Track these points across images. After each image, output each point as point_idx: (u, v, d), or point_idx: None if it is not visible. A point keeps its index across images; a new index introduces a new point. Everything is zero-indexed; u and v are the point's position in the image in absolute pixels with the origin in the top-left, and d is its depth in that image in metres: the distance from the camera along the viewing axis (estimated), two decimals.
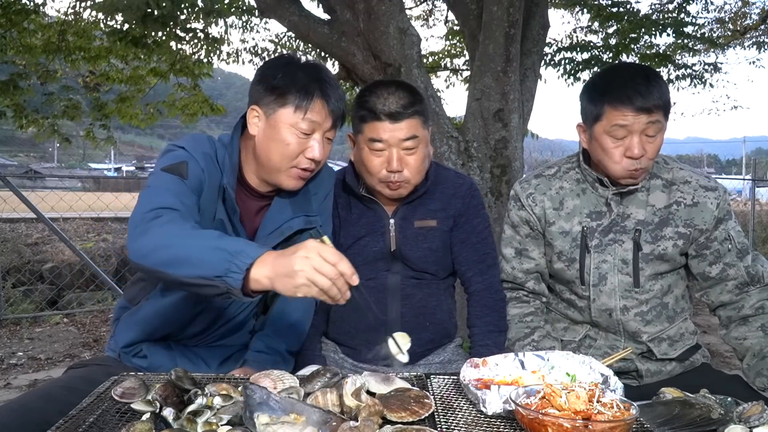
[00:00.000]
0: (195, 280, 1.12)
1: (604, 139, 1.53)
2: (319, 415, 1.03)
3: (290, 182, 1.46)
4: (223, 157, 1.46)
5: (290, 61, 1.48)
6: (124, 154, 70.96)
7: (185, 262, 1.12)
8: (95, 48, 6.66)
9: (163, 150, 1.47)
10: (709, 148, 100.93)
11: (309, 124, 1.41)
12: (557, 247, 1.67)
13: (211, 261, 1.09)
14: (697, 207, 1.60)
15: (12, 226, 8.30)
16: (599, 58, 6.41)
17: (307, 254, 1.07)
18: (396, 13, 3.49)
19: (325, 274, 1.06)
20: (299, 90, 1.40)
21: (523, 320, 1.70)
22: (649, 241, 1.61)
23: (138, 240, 1.21)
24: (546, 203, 1.69)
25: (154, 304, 1.47)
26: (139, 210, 1.27)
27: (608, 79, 1.55)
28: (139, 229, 1.22)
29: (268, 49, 8.08)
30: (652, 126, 1.49)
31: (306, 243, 1.09)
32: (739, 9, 8.26)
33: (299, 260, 1.06)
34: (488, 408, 1.11)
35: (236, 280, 1.08)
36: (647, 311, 1.64)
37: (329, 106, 1.43)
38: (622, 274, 1.63)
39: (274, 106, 1.42)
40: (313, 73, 1.44)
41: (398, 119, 1.57)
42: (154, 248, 1.16)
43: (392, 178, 1.60)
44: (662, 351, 1.64)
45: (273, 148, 1.42)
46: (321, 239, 1.11)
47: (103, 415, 1.10)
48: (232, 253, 1.09)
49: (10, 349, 4.65)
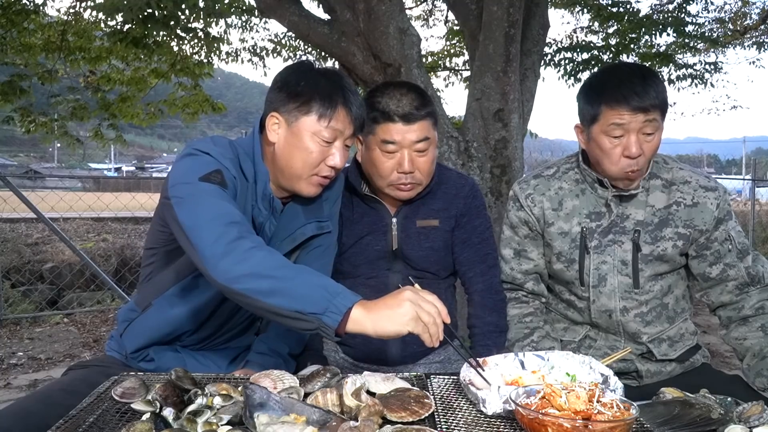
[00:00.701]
0: (289, 313, 1.13)
1: (601, 139, 1.52)
2: (319, 415, 1.03)
3: (310, 189, 1.45)
4: (245, 163, 1.43)
5: (311, 68, 1.46)
6: (124, 154, 70.94)
7: (284, 294, 1.13)
8: (95, 48, 6.66)
9: (183, 153, 1.40)
10: (709, 148, 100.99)
11: (332, 132, 1.40)
12: (556, 247, 1.67)
13: (311, 297, 1.12)
14: (697, 207, 1.59)
15: (12, 226, 8.31)
16: (599, 58, 6.41)
17: (413, 295, 1.15)
18: (396, 13, 3.49)
19: (429, 312, 1.14)
20: (323, 98, 1.39)
21: (522, 321, 1.70)
22: (649, 242, 1.60)
23: (223, 262, 1.17)
24: (545, 204, 1.68)
25: (163, 312, 1.46)
26: (206, 225, 1.21)
27: (604, 79, 1.55)
28: (219, 249, 1.18)
29: (267, 49, 8.08)
30: (649, 125, 1.49)
31: (405, 289, 1.17)
32: (739, 9, 8.26)
33: (407, 299, 1.14)
34: (488, 408, 1.11)
35: (334, 319, 1.11)
36: (647, 312, 1.63)
37: (352, 114, 1.42)
38: (621, 275, 1.62)
39: (296, 113, 1.40)
40: (336, 81, 1.43)
41: (411, 121, 1.57)
42: (249, 275, 1.15)
43: (403, 180, 1.60)
44: (662, 352, 1.64)
45: (295, 156, 1.41)
46: (414, 284, 1.18)
47: (103, 415, 1.11)
48: (331, 293, 1.13)
49: (10, 349, 4.65)
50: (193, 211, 1.25)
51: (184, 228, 1.24)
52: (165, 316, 1.46)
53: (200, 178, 1.31)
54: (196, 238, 1.21)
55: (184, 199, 1.28)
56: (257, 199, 1.44)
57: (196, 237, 1.21)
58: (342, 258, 1.72)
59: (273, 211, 1.47)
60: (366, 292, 1.69)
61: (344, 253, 1.72)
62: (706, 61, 7.33)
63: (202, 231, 1.21)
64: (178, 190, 1.31)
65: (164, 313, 1.46)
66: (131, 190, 10.26)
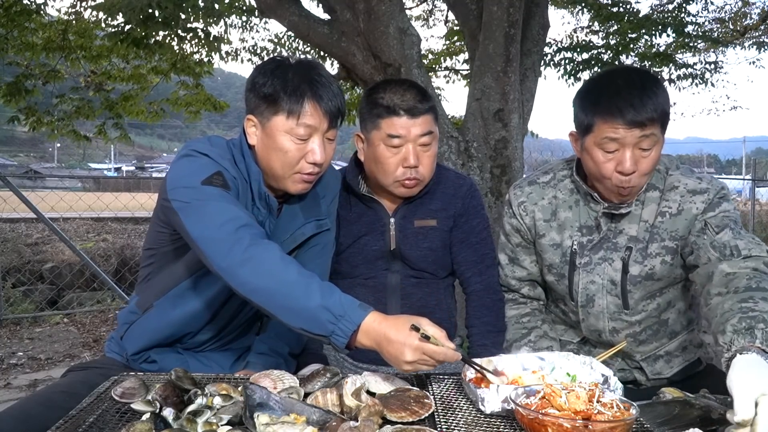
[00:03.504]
0: (300, 330, 1.18)
1: (594, 152, 1.42)
2: (319, 415, 1.03)
3: (296, 187, 1.43)
4: (241, 163, 1.43)
5: (280, 64, 1.41)
6: (124, 154, 70.90)
7: (294, 314, 1.17)
8: (96, 47, 6.66)
9: (180, 154, 1.39)
10: (709, 148, 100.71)
11: (305, 129, 1.37)
12: (547, 259, 1.62)
13: (318, 320, 1.16)
14: (681, 215, 1.48)
15: (12, 226, 8.31)
16: (599, 58, 6.41)
17: (416, 347, 1.13)
18: (396, 13, 3.49)
19: (427, 365, 1.16)
20: (290, 95, 1.35)
21: (519, 321, 1.68)
22: (639, 261, 1.51)
23: (239, 273, 1.19)
24: (537, 214, 1.61)
25: (165, 315, 1.45)
26: (217, 233, 1.21)
27: (601, 86, 1.44)
28: (233, 258, 1.19)
29: (267, 48, 8.08)
30: (646, 140, 1.37)
31: (411, 336, 1.14)
32: (739, 9, 8.26)
33: (409, 353, 1.13)
34: (486, 407, 1.11)
35: (340, 342, 1.15)
36: (640, 332, 1.57)
37: (323, 107, 1.37)
38: (611, 295, 1.54)
39: (267, 114, 1.38)
40: (303, 74, 1.38)
41: (416, 114, 1.58)
42: (262, 289, 1.18)
43: (408, 175, 1.60)
44: (655, 371, 1.60)
45: (273, 157, 1.39)
46: (423, 334, 1.15)
47: (103, 415, 1.11)
48: (336, 316, 1.15)
49: (10, 349, 4.65)
50: (201, 219, 1.25)
51: (195, 238, 1.24)
52: (166, 318, 1.45)
53: (202, 181, 1.30)
54: (209, 249, 1.22)
55: (190, 204, 1.27)
56: (254, 198, 1.44)
57: (208, 248, 1.22)
58: (340, 258, 1.72)
59: (270, 210, 1.47)
60: (364, 293, 1.70)
61: (342, 253, 1.72)
62: (706, 61, 7.34)
63: (214, 241, 1.22)
64: (180, 194, 1.30)
65: (166, 315, 1.45)
66: (131, 190, 10.27)
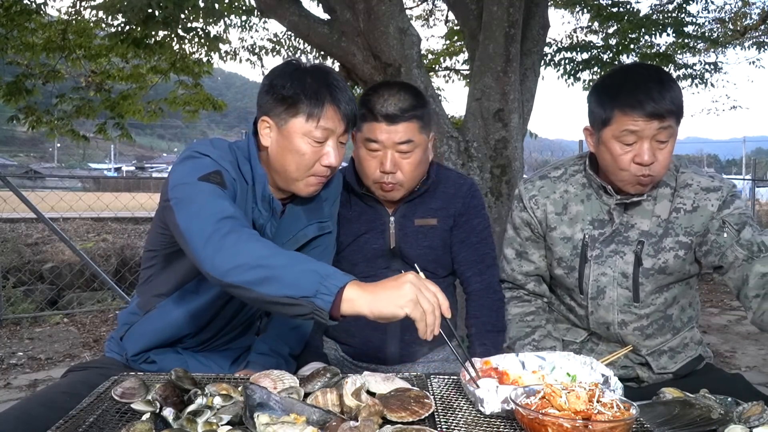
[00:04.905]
0: (281, 299, 1.12)
1: (612, 145, 1.45)
2: (319, 415, 1.03)
3: (308, 189, 1.45)
4: (244, 165, 1.43)
5: (297, 67, 1.44)
6: (123, 154, 70.95)
7: (274, 281, 1.12)
8: (96, 46, 6.66)
9: (183, 156, 1.40)
10: (709, 148, 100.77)
11: (322, 132, 1.39)
12: (557, 252, 1.63)
13: (301, 282, 1.11)
14: (697, 212, 1.53)
15: (12, 226, 8.32)
16: (599, 58, 6.41)
17: (415, 279, 1.12)
18: (396, 13, 3.49)
19: (429, 299, 1.11)
20: (310, 98, 1.37)
21: (524, 319, 1.69)
22: (651, 255, 1.54)
23: (215, 258, 1.17)
24: (548, 207, 1.64)
25: (165, 315, 1.45)
26: (200, 223, 1.21)
27: (619, 81, 1.47)
28: (212, 245, 1.18)
29: (266, 48, 8.07)
30: (664, 132, 1.41)
31: (408, 273, 1.13)
32: (739, 9, 8.26)
33: (409, 282, 1.11)
34: (486, 408, 1.11)
35: (326, 301, 1.09)
36: (647, 325, 1.59)
37: (341, 111, 1.40)
38: (621, 288, 1.57)
39: (285, 116, 1.39)
40: (322, 79, 1.40)
41: (395, 121, 1.57)
42: (240, 266, 1.14)
43: (385, 179, 1.60)
44: (661, 365, 1.61)
45: (288, 159, 1.40)
46: (417, 271, 1.14)
47: (103, 415, 1.11)
48: (322, 276, 1.11)
49: (10, 349, 4.65)
50: (189, 211, 1.25)
51: (183, 230, 1.24)
52: (167, 319, 1.45)
53: (199, 178, 1.31)
54: (190, 239, 1.21)
55: (182, 200, 1.28)
56: (257, 201, 1.44)
57: (190, 237, 1.22)
58: (340, 256, 1.72)
59: (273, 213, 1.47)
60: None
61: (342, 251, 1.72)
62: (706, 61, 7.34)
63: (196, 231, 1.21)
64: (177, 192, 1.30)
65: (166, 317, 1.45)
66: (131, 190, 10.28)
